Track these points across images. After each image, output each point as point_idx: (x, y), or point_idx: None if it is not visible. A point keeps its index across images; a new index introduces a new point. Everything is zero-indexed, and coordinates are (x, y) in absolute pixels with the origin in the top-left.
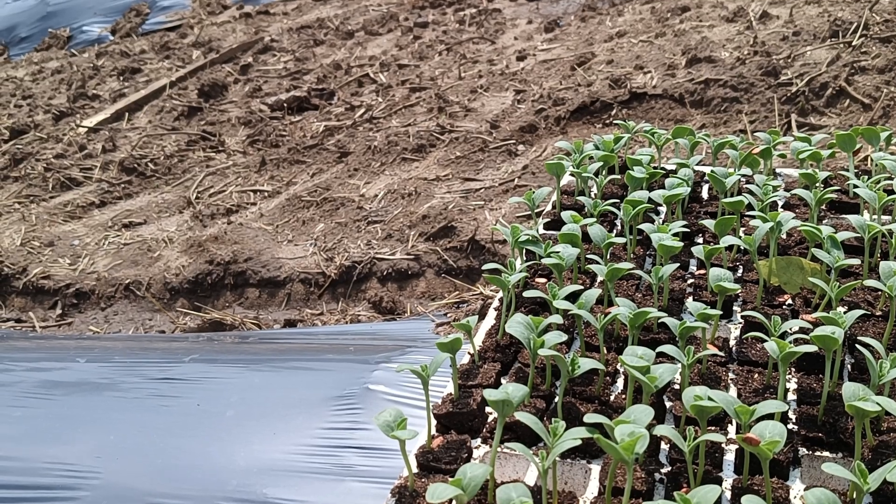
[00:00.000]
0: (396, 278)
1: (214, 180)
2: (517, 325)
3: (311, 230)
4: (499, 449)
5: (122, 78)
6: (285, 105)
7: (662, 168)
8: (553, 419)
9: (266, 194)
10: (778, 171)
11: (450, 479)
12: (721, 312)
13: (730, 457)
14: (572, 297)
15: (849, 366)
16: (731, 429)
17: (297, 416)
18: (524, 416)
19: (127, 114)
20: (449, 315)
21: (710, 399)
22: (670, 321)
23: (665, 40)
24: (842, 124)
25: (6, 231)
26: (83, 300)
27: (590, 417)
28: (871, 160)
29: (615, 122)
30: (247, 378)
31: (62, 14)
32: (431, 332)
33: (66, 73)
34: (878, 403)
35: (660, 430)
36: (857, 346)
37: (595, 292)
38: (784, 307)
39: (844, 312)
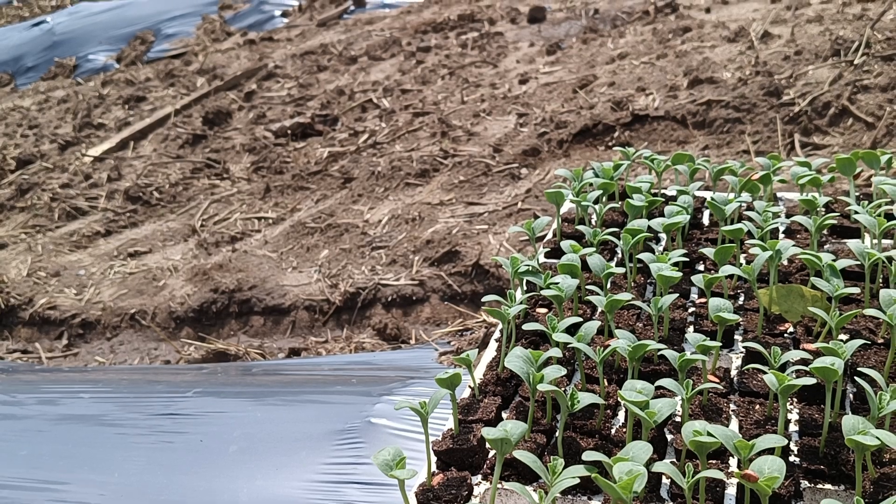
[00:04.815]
0: (401, 304)
1: (219, 208)
2: (516, 359)
3: (315, 257)
4: (499, 486)
5: (127, 106)
6: (289, 131)
7: (663, 194)
8: (552, 457)
9: (270, 221)
10: (779, 195)
11: None
12: (721, 344)
13: (731, 490)
14: (572, 329)
15: (851, 395)
16: (733, 462)
17: (299, 450)
18: (522, 455)
19: (132, 142)
20: (452, 343)
21: (709, 434)
22: (670, 354)
23: (667, 61)
24: (845, 143)
25: (13, 262)
26: (89, 330)
27: (588, 455)
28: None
29: (617, 145)
30: (250, 412)
31: (68, 43)
32: (435, 362)
33: (71, 102)
34: (877, 437)
35: (658, 466)
36: (857, 378)
37: (594, 324)
38: (785, 336)
39: (845, 341)
